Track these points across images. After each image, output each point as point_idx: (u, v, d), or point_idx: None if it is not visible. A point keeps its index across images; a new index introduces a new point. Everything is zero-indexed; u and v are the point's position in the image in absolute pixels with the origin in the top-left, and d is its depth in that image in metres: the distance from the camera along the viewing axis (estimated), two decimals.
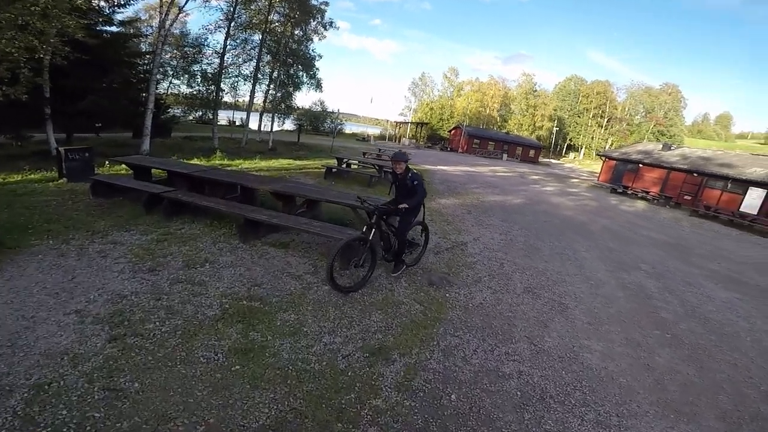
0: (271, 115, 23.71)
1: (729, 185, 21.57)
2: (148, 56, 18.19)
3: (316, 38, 23.51)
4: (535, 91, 73.46)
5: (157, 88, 21.64)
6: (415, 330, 3.90)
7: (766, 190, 19.67)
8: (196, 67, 20.69)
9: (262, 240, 5.68)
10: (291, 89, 23.50)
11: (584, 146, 72.28)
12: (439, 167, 21.46)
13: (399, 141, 51.52)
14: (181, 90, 22.17)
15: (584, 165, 59.30)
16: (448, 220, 8.67)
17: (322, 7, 22.29)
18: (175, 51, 21.80)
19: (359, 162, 14.16)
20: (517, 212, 11.30)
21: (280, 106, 23.67)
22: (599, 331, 4.52)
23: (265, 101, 23.93)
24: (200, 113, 29.94)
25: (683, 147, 30.71)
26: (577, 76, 77.11)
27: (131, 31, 17.48)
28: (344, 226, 6.54)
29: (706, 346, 4.58)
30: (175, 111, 24.37)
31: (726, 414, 3.35)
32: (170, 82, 23.68)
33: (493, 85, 71.56)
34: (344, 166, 13.54)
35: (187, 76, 20.66)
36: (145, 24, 29.88)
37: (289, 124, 35.53)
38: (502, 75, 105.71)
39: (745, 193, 20.53)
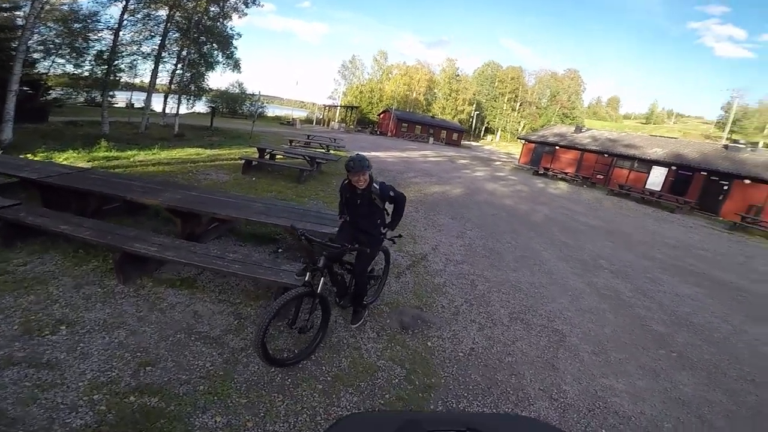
0: (177, 96, 20.59)
1: (635, 165, 23.68)
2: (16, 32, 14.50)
3: (235, 16, 21.20)
4: (457, 76, 75.49)
5: (35, 68, 17.90)
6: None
7: (666, 169, 21.91)
8: (84, 45, 16.99)
9: (153, 276, 3.94)
10: (203, 69, 20.90)
11: (500, 129, 76.67)
12: (373, 154, 20.16)
13: (328, 125, 49.25)
14: (67, 69, 18.20)
15: (501, 147, 62.79)
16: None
17: None
18: (60, 27, 17.65)
19: (285, 152, 12.21)
20: (463, 206, 10.55)
21: (190, 87, 20.86)
22: (610, 362, 3.87)
23: (171, 82, 20.93)
24: (91, 95, 25.38)
25: (592, 129, 33.07)
26: (494, 62, 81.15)
27: (4, 4, 13.75)
28: (276, 251, 5.06)
29: (711, 361, 4.26)
30: (59, 93, 20.18)
31: None
32: (53, 61, 19.42)
33: (420, 69, 72.08)
34: (267, 157, 11.59)
35: (74, 54, 16.85)
36: None
37: (201, 107, 31.74)
38: (427, 60, 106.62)
39: (650, 172, 22.72)
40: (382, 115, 53.67)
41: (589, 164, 26.40)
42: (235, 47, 21.54)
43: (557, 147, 28.84)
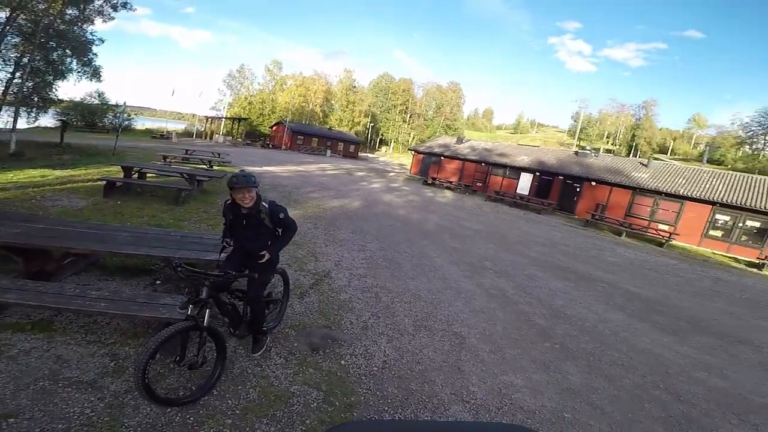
0: (14, 109, 16.87)
1: (507, 172, 26.80)
2: None
3: (99, 20, 18.68)
4: (354, 87, 76.88)
5: None
6: None
7: (532, 174, 25.24)
8: None
9: None
10: (51, 78, 17.63)
11: (393, 140, 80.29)
12: (265, 168, 19.22)
13: (211, 138, 45.50)
14: None
15: (394, 158, 65.64)
16: (297, 241, 7.11)
17: None
18: None
19: (158, 170, 10.71)
20: (362, 219, 10.62)
21: (32, 98, 17.39)
22: (506, 359, 4.17)
23: (5, 92, 17.10)
24: None
25: (471, 140, 36.44)
26: (388, 74, 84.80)
27: None
28: (152, 283, 4.36)
29: (588, 349, 4.76)
30: None
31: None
32: None
33: (317, 80, 71.44)
34: (135, 176, 10.02)
35: None
36: None
37: (48, 120, 26.67)
38: (324, 71, 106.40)
39: (519, 178, 25.93)
40: (275, 128, 51.81)
41: (470, 173, 29.01)
42: (95, 54, 18.98)
43: (442, 157, 31.14)
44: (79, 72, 18.82)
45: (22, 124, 17.47)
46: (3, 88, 17.12)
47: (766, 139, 61.31)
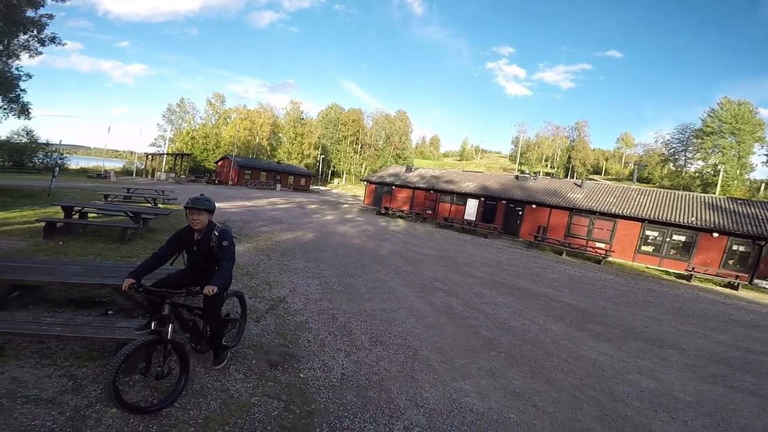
0: None
1: (455, 198, 27.96)
2: None
3: (25, 55, 18.27)
4: (302, 119, 76.97)
5: None
6: None
7: (477, 200, 26.59)
8: None
9: None
10: None
11: (345, 172, 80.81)
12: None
13: (153, 175, 43.57)
14: None
15: (347, 190, 66.00)
16: (250, 272, 7.24)
17: (43, 20, 17.52)
18: None
19: (99, 209, 10.35)
20: (316, 249, 10.83)
21: None
22: (455, 367, 4.53)
23: None
24: None
25: (420, 168, 37.53)
26: (337, 104, 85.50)
27: None
28: (105, 313, 4.36)
29: (530, 356, 5.18)
30: None
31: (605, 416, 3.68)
32: None
33: (262, 113, 70.97)
34: (76, 216, 9.61)
35: None
36: None
37: None
38: (270, 103, 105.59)
39: (466, 204, 27.17)
40: (220, 163, 50.59)
41: (420, 201, 29.82)
42: (23, 90, 18.29)
43: (393, 187, 31.87)
44: (4, 109, 18.01)
45: None
46: None
47: (686, 156, 65.73)
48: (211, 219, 3.33)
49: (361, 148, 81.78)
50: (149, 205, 14.58)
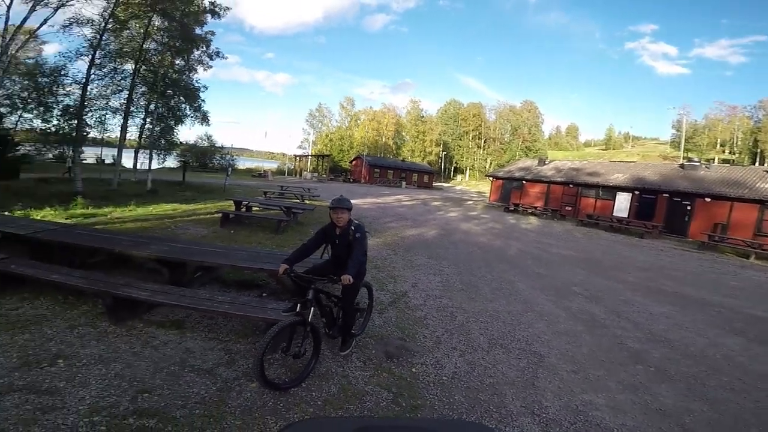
0: (148, 151, 20.61)
1: (600, 192, 24.54)
2: None
3: (200, 68, 21.86)
4: (422, 117, 78.34)
5: (1, 122, 17.58)
6: None
7: (630, 194, 22.92)
8: (52, 99, 16.94)
9: (144, 319, 4.12)
10: (172, 122, 20.96)
11: (468, 168, 79.07)
12: None
13: (300, 175, 49.95)
14: (35, 125, 17.99)
15: (471, 186, 64.54)
16: (377, 264, 7.72)
17: (208, 36, 21.00)
18: (26, 81, 17.73)
19: (261, 204, 12.44)
20: (439, 246, 10.91)
21: (159, 141, 20.89)
22: (588, 379, 4.06)
23: (140, 136, 21.08)
24: (60, 150, 24.91)
25: (555, 161, 34.37)
26: (456, 100, 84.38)
27: None
28: (260, 295, 5.15)
29: (690, 373, 4.44)
30: (28, 148, 19.81)
31: None
32: (20, 116, 19.12)
33: (386, 113, 74.35)
34: (243, 209, 11.71)
35: (42, 109, 16.75)
36: None
37: (171, 162, 31.70)
38: (393, 103, 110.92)
39: (615, 199, 23.57)
40: (354, 162, 54.96)
41: (557, 196, 27.06)
42: (203, 100, 21.88)
43: (524, 182, 29.71)
44: (191, 117, 21.67)
45: (153, 164, 20.81)
46: (138, 133, 20.99)
47: None
48: (349, 216, 3.70)
49: (484, 142, 79.01)
50: (298, 201, 16.83)
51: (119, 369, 3.18)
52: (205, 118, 22.07)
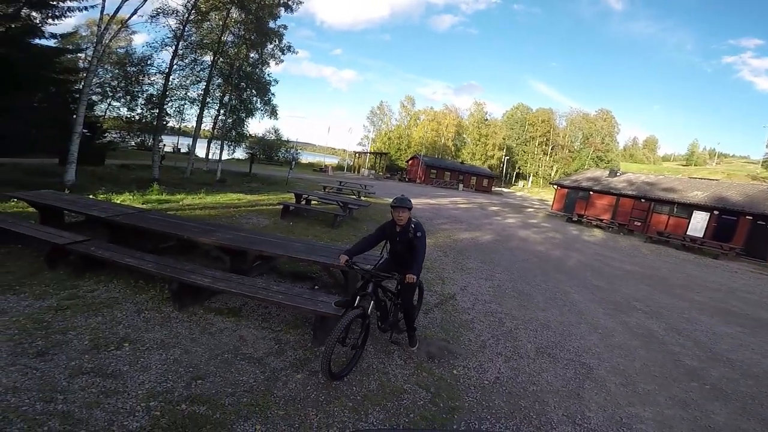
0: (220, 142, 21.77)
1: (675, 209, 22.62)
2: (84, 74, 16.24)
3: (272, 62, 22.42)
4: (486, 120, 76.11)
5: (93, 110, 19.56)
6: None
7: (708, 213, 20.83)
8: (138, 88, 18.61)
9: (204, 305, 4.38)
10: (243, 115, 21.83)
11: (532, 174, 75.58)
12: None
13: (358, 171, 50.99)
14: (121, 113, 19.86)
15: (533, 193, 61.69)
16: (427, 265, 7.66)
17: (281, 30, 21.36)
18: (116, 70, 19.72)
19: (319, 198, 12.92)
20: (493, 251, 10.61)
21: (231, 133, 21.86)
22: (637, 392, 3.89)
23: (214, 127, 22.21)
24: (141, 138, 27.29)
25: (628, 173, 32.08)
26: (524, 104, 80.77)
27: (69, 46, 15.70)
28: (312, 287, 5.35)
29: (748, 393, 4.15)
30: (114, 136, 21.97)
31: None
32: (109, 104, 21.23)
33: (447, 114, 73.40)
34: (303, 202, 12.24)
35: (128, 97, 18.49)
36: (86, 40, 26.91)
37: (240, 153, 33.77)
38: (455, 104, 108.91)
39: (691, 217, 21.61)
40: (410, 162, 54.91)
41: (626, 210, 25.43)
42: (273, 93, 22.34)
43: (591, 192, 28.14)
44: (261, 110, 22.26)
45: (223, 155, 21.78)
46: (212, 124, 21.93)
47: None
48: (410, 215, 3.75)
49: (552, 149, 75.08)
50: (354, 197, 17.20)
51: (178, 354, 3.34)
52: (274, 112, 22.60)
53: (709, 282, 10.81)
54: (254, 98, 21.84)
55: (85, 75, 13.81)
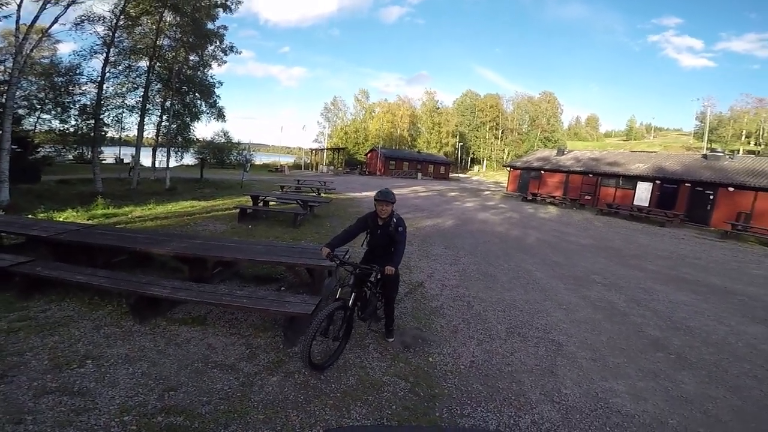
0: (166, 149, 20.59)
1: (621, 182, 24.15)
2: (5, 87, 14.75)
3: (215, 64, 21.74)
4: (438, 108, 77.42)
5: (21, 124, 17.93)
6: (413, 421, 2.91)
7: (651, 183, 22.42)
8: (68, 99, 17.19)
9: (166, 317, 4.20)
10: (188, 119, 21.02)
11: (485, 158, 78.02)
12: (364, 194, 20.66)
13: (316, 168, 50.11)
14: (54, 125, 18.31)
15: (488, 176, 63.64)
16: None
17: (221, 31, 20.71)
18: (42, 81, 18.10)
19: (278, 198, 12.56)
20: (455, 236, 10.83)
21: (177, 138, 20.95)
22: (608, 366, 4.05)
23: (158, 134, 21.16)
24: (79, 151, 25.40)
25: (575, 151, 33.81)
26: (472, 91, 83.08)
27: None
28: (278, 289, 5.22)
29: (711, 360, 4.38)
30: (48, 150, 20.29)
31: None
32: (38, 117, 19.41)
33: (401, 105, 73.84)
34: (261, 204, 11.86)
35: (59, 109, 17.06)
36: (3, 51, 24.36)
37: (189, 159, 32.13)
38: (408, 95, 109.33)
39: (635, 188, 23.17)
40: (369, 155, 54.77)
41: (576, 186, 26.83)
42: (218, 96, 21.80)
43: (542, 171, 29.44)
44: (207, 113, 21.64)
45: (171, 162, 20.63)
46: (155, 131, 21.00)
47: None
48: (392, 209, 3.73)
49: (502, 133, 77.76)
50: (314, 194, 16.91)
51: (145, 368, 3.25)
52: (220, 114, 22.03)
53: (660, 250, 11.51)
54: (198, 101, 21.18)
55: (6, 88, 12.55)
